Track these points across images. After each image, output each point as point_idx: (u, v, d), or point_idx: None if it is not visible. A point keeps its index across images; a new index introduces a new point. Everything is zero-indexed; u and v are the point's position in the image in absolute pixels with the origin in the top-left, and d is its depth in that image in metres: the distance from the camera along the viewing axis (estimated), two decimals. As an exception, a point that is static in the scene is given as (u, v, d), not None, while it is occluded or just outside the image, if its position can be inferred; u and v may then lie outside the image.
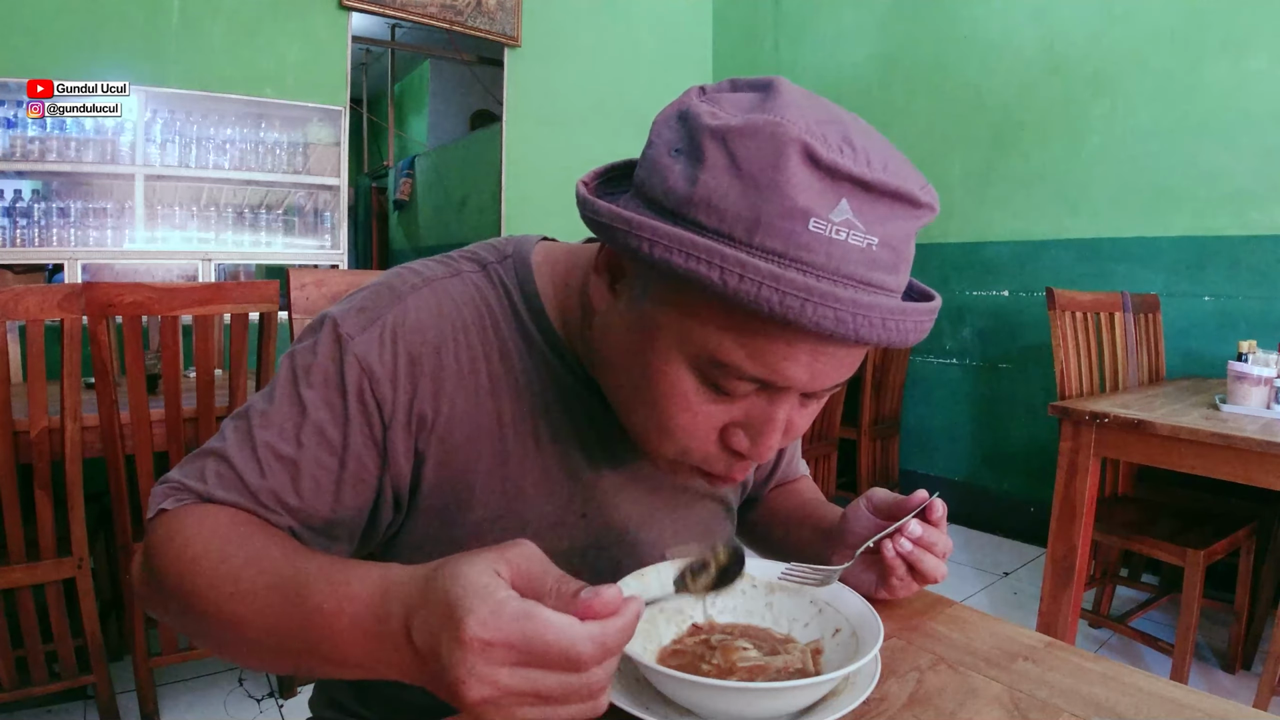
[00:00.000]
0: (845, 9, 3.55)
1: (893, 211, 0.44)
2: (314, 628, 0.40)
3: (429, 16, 3.14)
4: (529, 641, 0.34)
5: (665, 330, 0.47)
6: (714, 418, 0.49)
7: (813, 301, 0.41)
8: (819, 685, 0.45)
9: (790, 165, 0.41)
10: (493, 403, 0.57)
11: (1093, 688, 0.53)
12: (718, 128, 0.43)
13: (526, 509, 0.58)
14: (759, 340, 0.44)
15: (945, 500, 0.60)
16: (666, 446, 0.51)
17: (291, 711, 1.68)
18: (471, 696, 0.34)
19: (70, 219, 2.50)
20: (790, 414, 0.49)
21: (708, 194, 0.42)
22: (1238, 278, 2.39)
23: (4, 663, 1.44)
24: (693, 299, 0.45)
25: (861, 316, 0.42)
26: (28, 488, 1.41)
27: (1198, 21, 2.45)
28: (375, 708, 0.68)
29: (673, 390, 0.48)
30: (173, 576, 0.47)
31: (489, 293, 0.59)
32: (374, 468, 0.54)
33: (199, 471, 0.52)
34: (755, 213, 0.41)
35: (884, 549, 0.58)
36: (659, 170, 0.46)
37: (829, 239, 0.42)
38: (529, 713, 0.35)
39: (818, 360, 0.45)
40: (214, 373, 1.51)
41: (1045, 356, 2.81)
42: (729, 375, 0.46)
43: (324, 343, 0.54)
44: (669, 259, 0.42)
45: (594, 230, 0.48)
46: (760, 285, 0.40)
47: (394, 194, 5.74)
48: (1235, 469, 1.45)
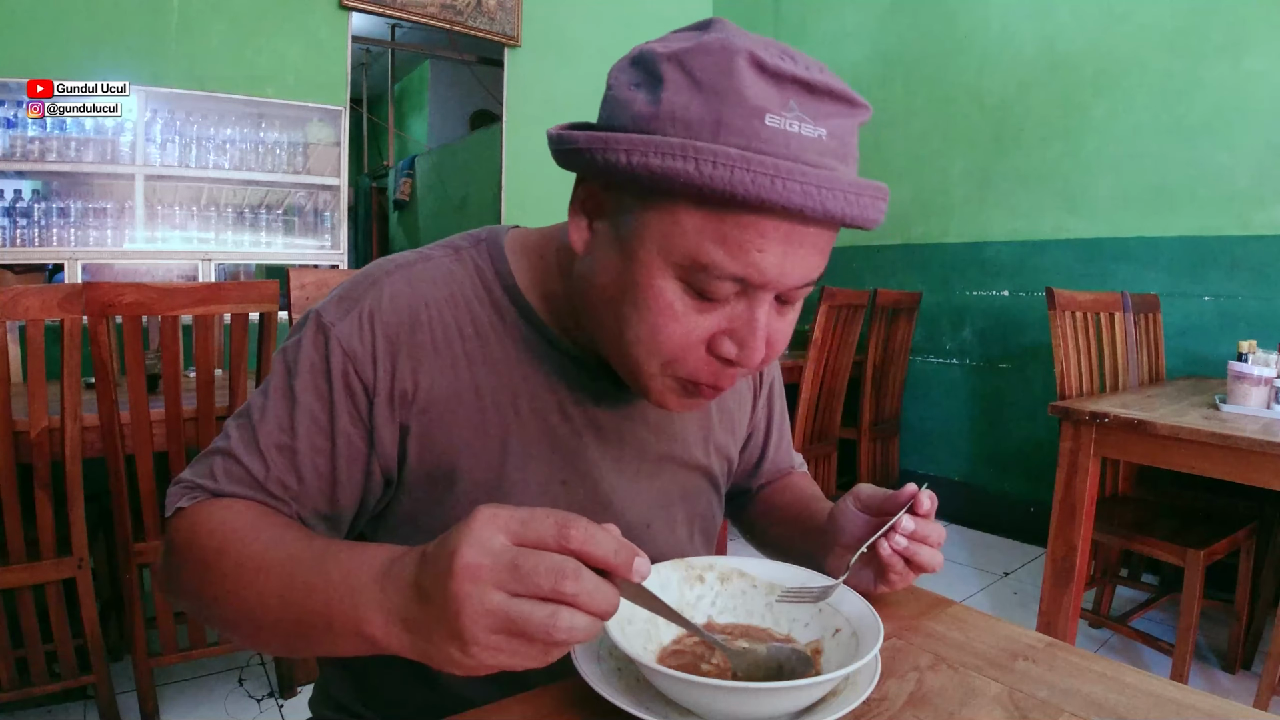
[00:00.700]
0: (845, 9, 3.55)
1: (835, 109, 0.49)
2: (333, 589, 0.43)
3: (429, 16, 3.14)
4: (515, 558, 0.37)
5: (647, 246, 0.50)
6: (700, 327, 0.52)
7: (781, 178, 0.45)
8: (819, 685, 0.45)
9: (742, 72, 0.46)
10: (470, 374, 0.59)
11: (1093, 688, 0.53)
12: (672, 52, 0.48)
13: (509, 477, 0.60)
14: (735, 234, 0.48)
15: (945, 500, 0.61)
16: (655, 363, 0.53)
17: (291, 711, 1.68)
18: (465, 621, 0.37)
19: (70, 219, 2.50)
20: (769, 320, 0.52)
21: (671, 109, 0.47)
22: (1238, 278, 2.39)
23: (4, 663, 1.44)
24: (671, 206, 0.48)
25: (826, 190, 0.46)
26: (28, 488, 1.41)
27: (1198, 21, 2.45)
28: (377, 707, 0.68)
29: (659, 302, 0.51)
30: (198, 567, 0.50)
31: (460, 273, 0.61)
32: (362, 445, 0.57)
33: (208, 470, 0.56)
34: (716, 116, 0.46)
35: (879, 547, 0.58)
36: (622, 104, 0.50)
37: (785, 131, 0.46)
38: (498, 657, 0.38)
39: (789, 250, 0.49)
40: (214, 373, 1.51)
41: (1045, 356, 2.82)
42: (710, 277, 0.49)
43: (309, 334, 0.57)
44: (647, 162, 0.46)
45: (569, 161, 0.52)
46: (733, 169, 0.45)
47: (394, 194, 5.74)
48: (1235, 469, 1.45)
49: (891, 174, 3.35)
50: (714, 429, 0.73)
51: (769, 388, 0.82)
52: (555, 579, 0.37)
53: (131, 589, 1.51)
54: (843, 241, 3.99)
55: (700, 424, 0.72)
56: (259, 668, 1.86)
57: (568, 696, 0.50)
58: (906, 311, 3.01)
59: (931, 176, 3.21)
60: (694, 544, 0.73)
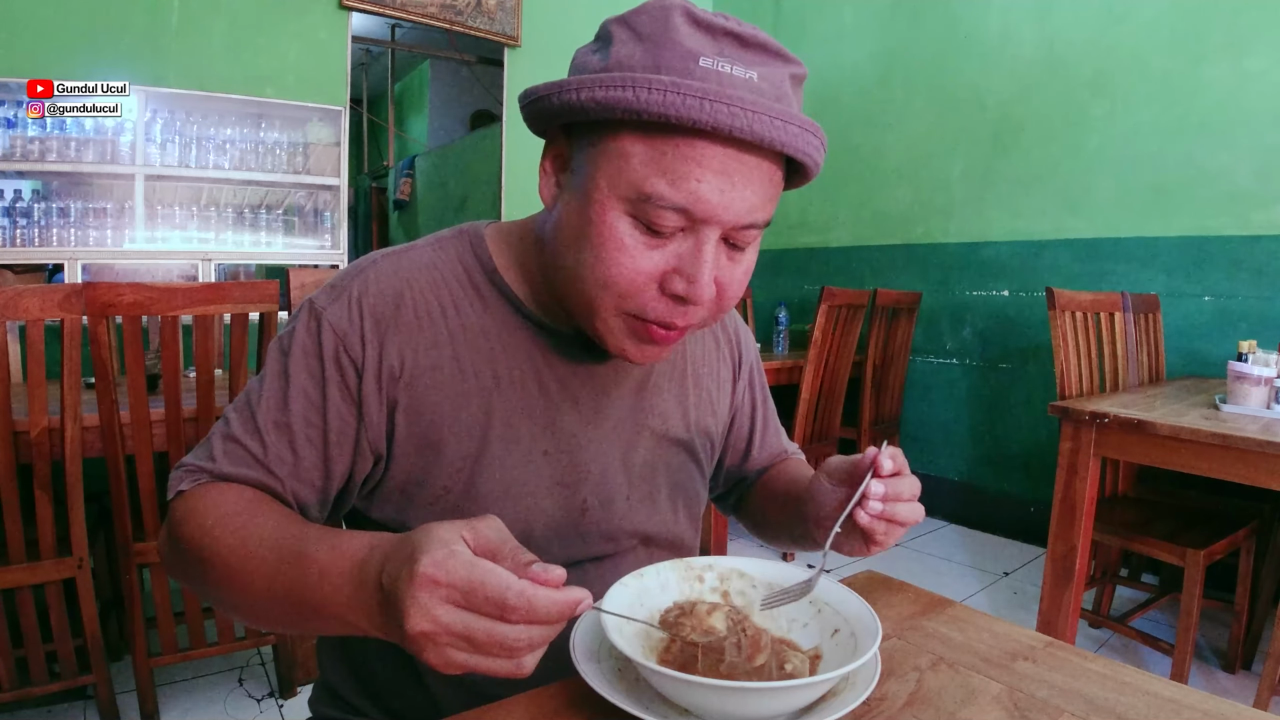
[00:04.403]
0: (845, 9, 3.55)
1: (766, 59, 0.53)
2: (310, 578, 0.46)
3: (429, 16, 3.14)
4: (469, 583, 0.39)
5: (599, 184, 0.54)
6: (650, 261, 0.55)
7: (710, 100, 0.49)
8: (819, 685, 0.45)
9: (677, 22, 0.52)
10: (452, 349, 0.62)
11: (1093, 688, 0.53)
12: (619, 16, 0.55)
13: (492, 449, 0.63)
14: (676, 165, 0.52)
15: (945, 500, 0.61)
16: (609, 301, 0.56)
17: (291, 711, 1.68)
18: (413, 627, 0.39)
19: (70, 219, 2.50)
20: (718, 260, 0.56)
21: (618, 61, 0.53)
22: (1238, 278, 2.39)
23: (4, 663, 1.44)
24: (617, 140, 0.53)
25: (754, 114, 0.50)
26: (28, 488, 1.41)
27: (1198, 21, 2.45)
28: (378, 703, 0.68)
29: (611, 236, 0.54)
30: (193, 547, 0.53)
31: (442, 260, 0.65)
32: (352, 420, 0.60)
33: (209, 453, 0.59)
34: (655, 60, 0.52)
35: (856, 516, 0.56)
36: (580, 66, 0.56)
37: (717, 71, 0.51)
38: (459, 656, 0.40)
39: (728, 180, 0.52)
40: (214, 373, 1.51)
41: (1045, 356, 2.82)
42: (655, 207, 0.53)
43: (302, 321, 0.61)
44: (594, 95, 0.51)
45: (533, 112, 0.57)
46: (665, 93, 0.49)
47: (394, 194, 5.74)
48: (1235, 469, 1.45)
49: (891, 174, 3.35)
50: (691, 405, 0.75)
51: (749, 370, 0.83)
52: (500, 610, 0.39)
53: (131, 589, 1.51)
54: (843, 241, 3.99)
55: (678, 398, 0.73)
56: (259, 668, 1.86)
57: (568, 696, 0.50)
58: (906, 311, 3.01)
59: (931, 177, 3.20)
60: (677, 518, 0.74)
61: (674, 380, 0.74)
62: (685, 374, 0.75)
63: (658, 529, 0.71)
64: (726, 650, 0.51)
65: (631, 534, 0.70)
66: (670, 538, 0.73)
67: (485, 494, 0.62)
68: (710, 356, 0.78)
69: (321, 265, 2.94)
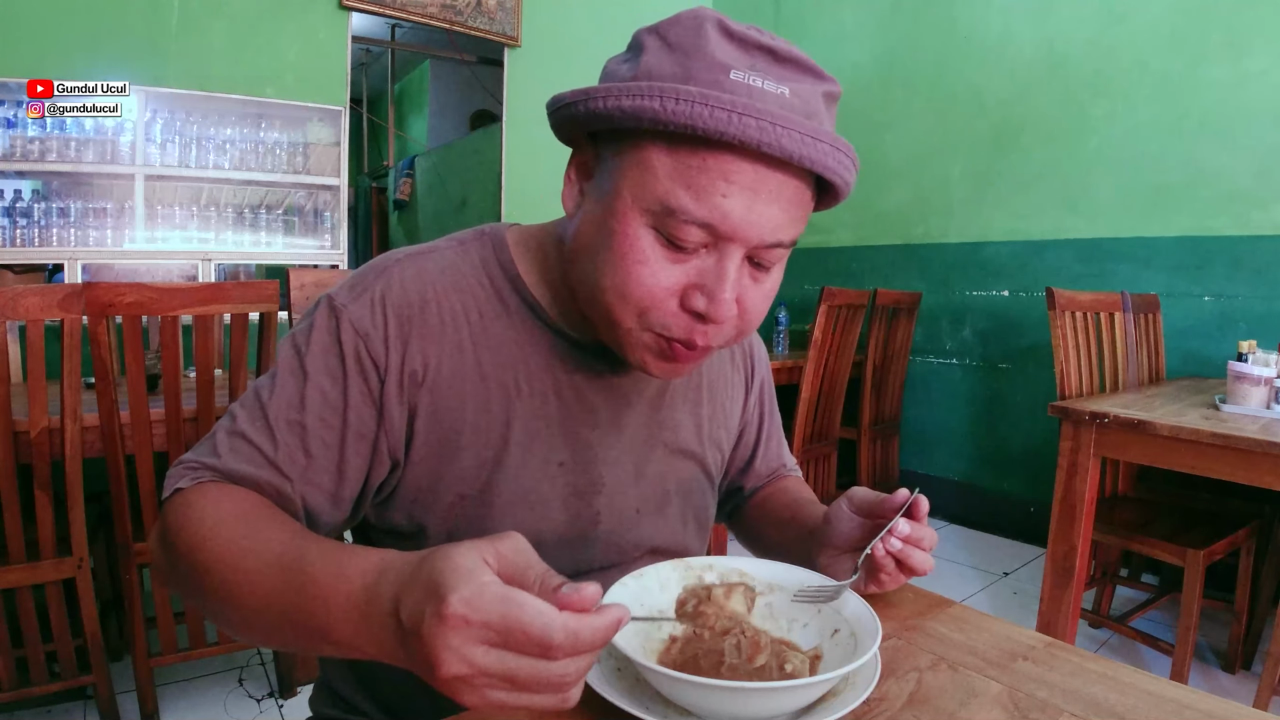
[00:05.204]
0: (845, 9, 3.55)
1: (799, 74, 0.52)
2: (311, 601, 0.42)
3: (429, 16, 3.14)
4: (506, 622, 0.35)
5: (623, 194, 0.53)
6: (671, 276, 0.53)
7: (737, 113, 0.47)
8: (819, 685, 0.45)
9: (710, 33, 0.51)
10: (474, 355, 0.61)
11: (1093, 688, 0.53)
12: (652, 25, 0.54)
13: (510, 457, 0.62)
14: (701, 178, 0.50)
15: (945, 500, 0.61)
16: (629, 313, 0.55)
17: (291, 711, 1.68)
18: (447, 672, 0.35)
19: (70, 219, 2.49)
20: (741, 279, 0.54)
21: (647, 70, 0.51)
22: (1238, 278, 2.39)
23: (4, 663, 1.44)
24: (643, 150, 0.52)
25: (783, 129, 0.48)
26: (28, 488, 1.41)
27: (1198, 21, 2.45)
28: (379, 700, 0.68)
29: (632, 248, 0.53)
30: (187, 553, 0.49)
31: (465, 263, 0.64)
32: (372, 423, 0.58)
33: (213, 448, 0.56)
34: (685, 70, 0.50)
35: (874, 548, 0.59)
36: (610, 74, 0.55)
37: (747, 85, 0.50)
38: (499, 695, 0.36)
39: (754, 197, 0.51)
40: (214, 373, 1.51)
41: (1045, 356, 2.82)
42: (679, 221, 0.51)
43: (320, 318, 0.59)
44: (619, 104, 0.50)
45: (560, 119, 0.55)
46: (693, 105, 0.48)
47: (394, 194, 5.74)
48: (1235, 469, 1.45)
49: (891, 174, 3.35)
50: (705, 419, 0.74)
51: (760, 383, 0.83)
52: (544, 650, 0.35)
53: (131, 589, 1.51)
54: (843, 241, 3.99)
55: (693, 412, 0.73)
56: (259, 668, 1.86)
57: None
58: (906, 311, 3.01)
59: (931, 177, 3.20)
60: (686, 531, 0.74)
61: (690, 394, 0.73)
62: (701, 387, 0.75)
63: (666, 541, 0.71)
64: (726, 651, 0.51)
65: (640, 546, 0.69)
66: (678, 550, 0.73)
67: (500, 502, 0.62)
68: (725, 369, 0.78)
69: (321, 265, 2.94)
